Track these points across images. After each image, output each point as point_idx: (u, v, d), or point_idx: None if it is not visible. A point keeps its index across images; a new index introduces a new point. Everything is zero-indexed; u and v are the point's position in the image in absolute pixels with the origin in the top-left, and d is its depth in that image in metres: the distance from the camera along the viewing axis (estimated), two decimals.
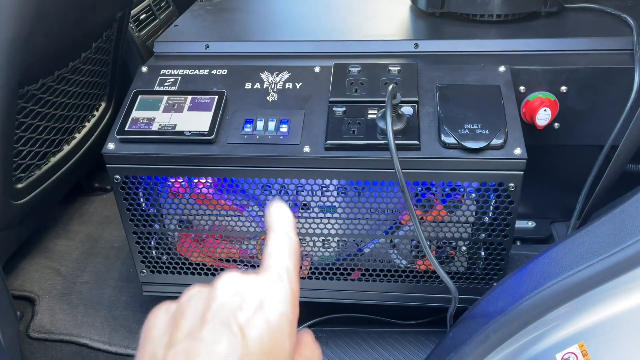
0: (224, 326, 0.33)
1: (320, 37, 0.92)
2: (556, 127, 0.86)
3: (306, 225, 0.81)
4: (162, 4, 1.42)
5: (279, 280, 0.37)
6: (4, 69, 0.77)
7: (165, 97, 0.80)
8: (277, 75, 0.84)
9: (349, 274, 0.86)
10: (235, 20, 1.04)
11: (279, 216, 0.41)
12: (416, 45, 0.88)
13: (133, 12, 1.26)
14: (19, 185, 0.92)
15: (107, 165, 0.78)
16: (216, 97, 0.79)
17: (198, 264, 0.87)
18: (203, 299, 0.36)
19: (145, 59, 1.32)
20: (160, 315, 0.36)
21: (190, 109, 0.78)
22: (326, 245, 0.83)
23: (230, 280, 0.36)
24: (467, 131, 0.72)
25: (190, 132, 0.76)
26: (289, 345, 0.35)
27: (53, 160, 1.01)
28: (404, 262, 0.83)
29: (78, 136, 1.07)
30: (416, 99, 0.77)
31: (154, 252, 0.87)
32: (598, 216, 0.59)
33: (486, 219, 0.78)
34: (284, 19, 1.05)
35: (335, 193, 0.78)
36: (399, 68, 0.81)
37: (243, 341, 0.33)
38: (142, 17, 1.31)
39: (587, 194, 0.83)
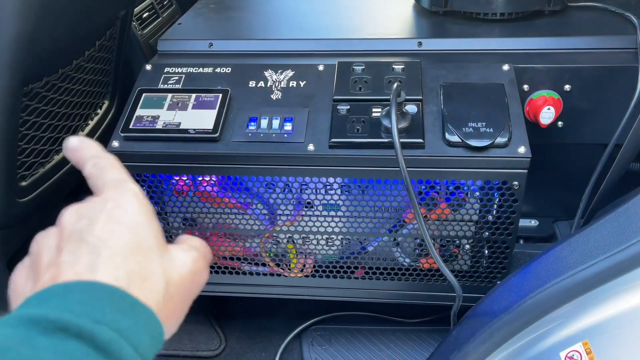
0: (81, 242, 0.33)
1: (324, 35, 0.93)
2: (560, 126, 0.86)
3: (310, 224, 0.81)
4: (165, 2, 1.42)
5: (117, 190, 0.37)
6: (8, 66, 0.77)
7: (170, 95, 0.80)
8: (281, 73, 0.84)
9: (352, 272, 0.86)
10: (239, 19, 1.04)
11: (83, 147, 0.41)
12: (420, 43, 0.88)
13: (136, 10, 1.26)
14: (23, 183, 0.92)
15: None
16: (220, 95, 0.80)
17: None
18: (52, 236, 0.36)
19: (148, 57, 1.32)
20: (19, 272, 0.36)
21: (194, 107, 0.78)
22: (330, 244, 0.83)
23: (72, 211, 0.37)
24: (471, 129, 0.72)
25: (194, 130, 0.76)
26: (154, 234, 0.36)
27: (57, 158, 1.01)
28: (407, 260, 0.83)
29: (82, 134, 1.07)
30: (420, 97, 0.77)
31: None
32: (602, 214, 0.59)
33: (490, 218, 0.78)
34: (288, 17, 1.05)
35: (339, 191, 0.78)
36: (403, 66, 0.81)
37: (104, 246, 0.33)
38: (144, 15, 1.31)
39: (590, 192, 0.83)
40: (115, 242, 0.34)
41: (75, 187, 1.26)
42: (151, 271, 0.34)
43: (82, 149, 0.41)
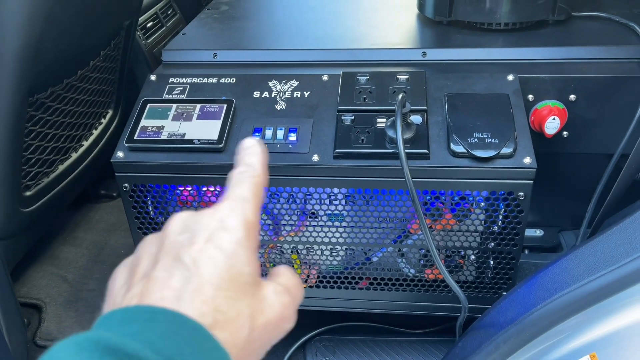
0: (176, 261, 0.33)
1: (328, 45, 0.93)
2: (565, 136, 0.85)
3: (314, 234, 0.81)
4: (169, 12, 1.43)
5: (231, 210, 0.36)
6: (14, 76, 0.77)
7: (174, 105, 0.80)
8: (285, 83, 0.84)
9: (356, 283, 0.85)
10: (243, 29, 1.04)
11: (249, 151, 0.40)
12: (424, 53, 0.88)
13: (140, 20, 1.26)
14: (28, 193, 0.92)
15: (116, 174, 0.78)
16: (225, 105, 0.80)
17: None
18: (155, 242, 0.36)
19: (152, 66, 1.32)
20: (121, 270, 0.36)
21: (199, 117, 0.78)
22: (334, 254, 0.83)
23: (179, 219, 0.36)
24: (476, 140, 0.72)
25: (199, 140, 0.76)
26: (250, 271, 0.35)
27: (61, 168, 1.01)
28: (412, 271, 0.83)
29: (85, 144, 1.08)
30: (425, 107, 0.77)
31: None
32: (609, 225, 0.59)
33: (495, 228, 0.77)
34: (292, 27, 1.05)
35: (343, 201, 0.78)
36: (408, 77, 0.81)
37: (196, 272, 0.32)
38: (149, 25, 1.32)
39: (596, 202, 0.82)
40: (208, 270, 0.33)
41: (78, 196, 1.26)
42: (238, 312, 0.33)
43: (246, 151, 0.39)
